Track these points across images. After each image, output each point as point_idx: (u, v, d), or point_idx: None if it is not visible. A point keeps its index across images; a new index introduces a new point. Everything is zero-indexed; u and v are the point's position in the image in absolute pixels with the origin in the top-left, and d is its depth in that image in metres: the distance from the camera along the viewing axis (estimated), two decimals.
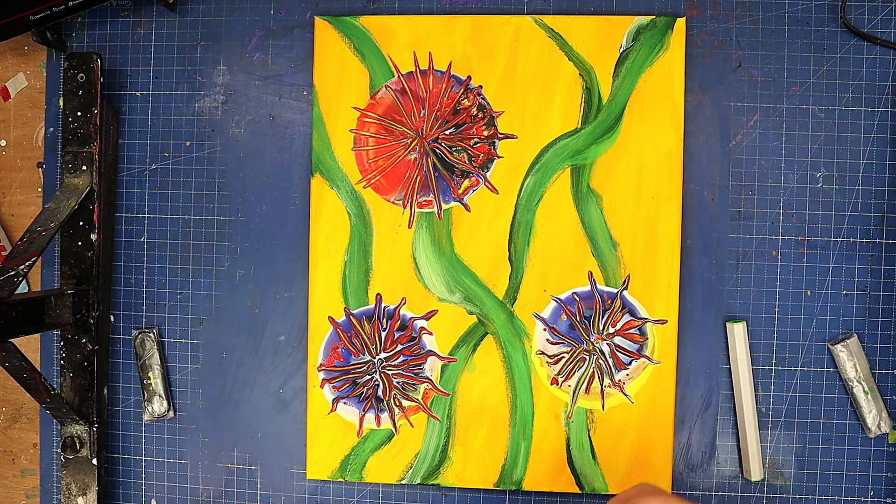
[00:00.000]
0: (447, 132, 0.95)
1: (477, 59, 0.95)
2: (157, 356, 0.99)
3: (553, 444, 0.94)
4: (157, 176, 1.00)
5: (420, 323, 0.96)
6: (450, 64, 0.96)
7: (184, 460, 1.00)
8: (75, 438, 0.93)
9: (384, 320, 0.96)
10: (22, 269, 0.82)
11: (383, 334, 0.96)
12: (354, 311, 0.96)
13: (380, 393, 0.96)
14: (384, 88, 0.96)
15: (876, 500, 0.93)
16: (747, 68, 0.95)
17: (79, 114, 0.93)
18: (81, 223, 0.93)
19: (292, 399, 0.98)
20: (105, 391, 0.97)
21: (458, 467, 0.95)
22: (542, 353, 0.94)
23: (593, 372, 0.94)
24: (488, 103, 0.95)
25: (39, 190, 1.02)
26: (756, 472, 0.92)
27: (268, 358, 0.99)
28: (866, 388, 0.92)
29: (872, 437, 0.93)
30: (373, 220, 0.96)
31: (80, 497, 0.95)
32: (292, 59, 0.99)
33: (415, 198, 0.96)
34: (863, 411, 0.92)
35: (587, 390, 0.94)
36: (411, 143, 0.96)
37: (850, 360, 0.92)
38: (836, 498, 0.93)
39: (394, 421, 0.96)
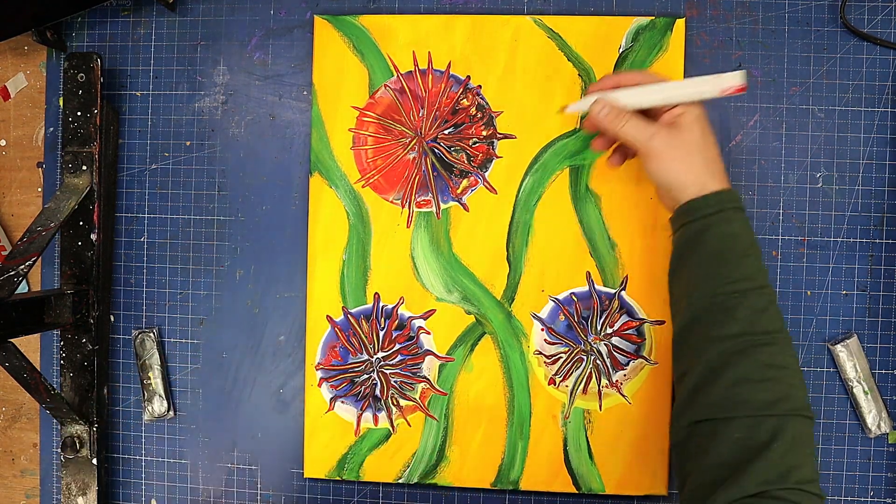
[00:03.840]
0: (446, 132, 0.95)
1: (476, 59, 0.95)
2: (157, 356, 0.99)
3: (550, 444, 0.94)
4: (157, 176, 1.01)
5: (418, 322, 0.96)
6: (449, 64, 0.96)
7: (184, 460, 1.00)
8: (75, 438, 0.94)
9: (382, 319, 0.96)
10: (22, 269, 0.83)
11: (381, 333, 0.96)
12: (352, 311, 0.96)
13: (377, 392, 0.96)
14: (383, 88, 0.97)
15: (876, 500, 0.93)
16: (747, 68, 0.94)
17: (79, 114, 0.93)
18: (81, 223, 0.94)
19: (292, 399, 0.98)
20: (105, 391, 0.97)
21: (456, 467, 0.95)
22: (540, 353, 0.94)
23: (591, 372, 0.93)
24: (487, 103, 0.95)
25: (39, 190, 1.03)
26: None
27: (268, 358, 0.99)
28: (866, 388, 0.91)
29: (872, 437, 0.93)
30: (371, 220, 0.96)
31: (80, 497, 0.95)
32: (292, 59, 0.99)
33: (413, 197, 0.96)
34: (863, 411, 0.92)
35: (584, 390, 0.94)
36: (410, 142, 0.96)
37: (850, 360, 0.92)
38: (836, 498, 0.93)
39: (391, 420, 0.96)
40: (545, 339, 0.94)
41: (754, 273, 0.73)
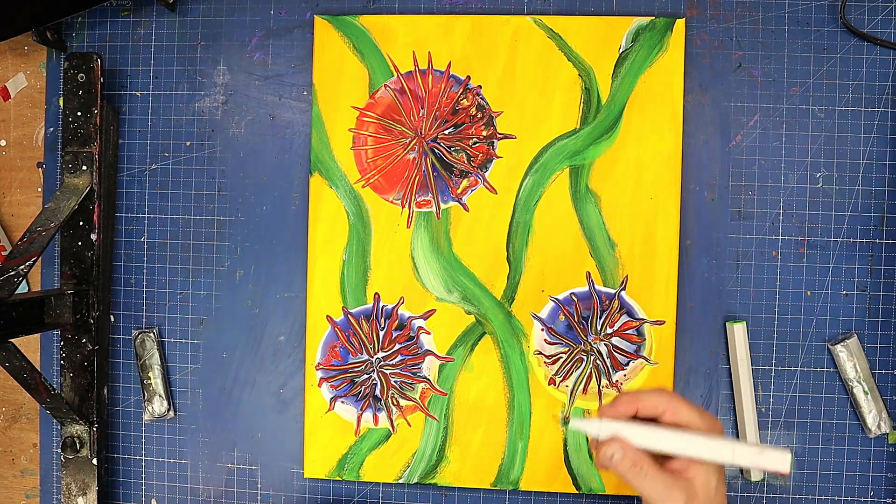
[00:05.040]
0: (446, 132, 0.95)
1: (476, 59, 0.95)
2: (157, 356, 0.99)
3: (550, 445, 0.94)
4: (157, 176, 1.00)
5: (418, 322, 0.96)
6: (449, 64, 0.96)
7: (184, 460, 1.00)
8: (75, 438, 0.94)
9: (382, 319, 0.96)
10: (22, 269, 0.83)
11: (381, 333, 0.96)
12: (353, 311, 0.96)
13: (377, 392, 0.96)
14: (383, 88, 0.97)
15: (876, 500, 0.93)
16: (747, 68, 0.94)
17: (79, 114, 0.93)
18: (81, 223, 0.94)
19: (292, 399, 0.98)
20: (105, 391, 0.97)
21: (456, 467, 0.95)
22: (540, 353, 0.94)
23: (591, 372, 0.93)
24: (487, 103, 0.95)
25: (39, 190, 1.03)
26: (756, 472, 0.92)
27: (268, 358, 0.99)
28: (866, 388, 0.91)
29: (872, 437, 0.93)
30: (371, 220, 0.96)
31: (80, 497, 0.95)
32: (292, 59, 0.99)
33: (413, 197, 0.96)
34: (863, 411, 0.92)
35: (584, 391, 0.94)
36: (410, 142, 0.96)
37: (850, 360, 0.92)
38: (836, 498, 0.93)
39: (391, 420, 0.96)
40: (545, 339, 0.94)
41: None
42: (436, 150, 0.95)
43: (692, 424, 0.67)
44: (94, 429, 0.94)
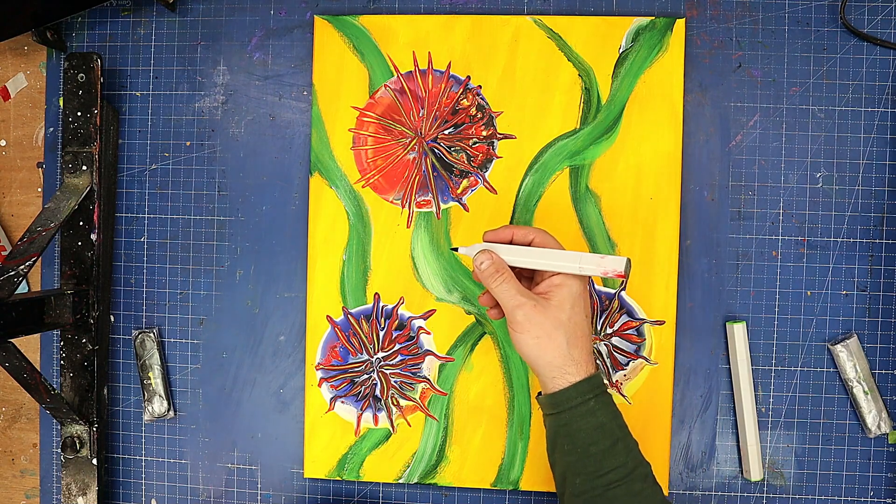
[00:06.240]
0: (446, 132, 0.95)
1: (476, 59, 0.95)
2: (157, 356, 0.99)
3: None
4: (157, 176, 1.00)
5: (418, 322, 0.96)
6: (449, 64, 0.96)
7: (184, 460, 1.00)
8: (75, 438, 0.94)
9: (382, 319, 0.96)
10: (22, 269, 0.83)
11: (381, 333, 0.96)
12: (353, 311, 0.96)
13: (377, 392, 0.96)
14: (383, 88, 0.96)
15: (876, 500, 0.93)
16: (747, 68, 0.94)
17: (79, 114, 0.93)
18: (81, 223, 0.94)
19: (292, 399, 0.98)
20: (105, 391, 0.97)
21: (456, 467, 0.95)
22: None
23: None
24: (487, 103, 0.95)
25: (39, 190, 1.03)
26: (756, 472, 0.92)
27: (268, 358, 0.99)
28: (866, 388, 0.91)
29: (872, 437, 0.93)
30: (371, 220, 0.96)
31: (80, 497, 0.95)
32: (292, 59, 0.99)
33: (413, 197, 0.96)
34: (863, 411, 0.92)
35: None
36: (410, 142, 0.96)
37: (849, 360, 0.92)
38: (836, 498, 0.93)
39: (391, 420, 0.96)
40: None
41: (624, 459, 0.75)
42: (436, 150, 0.95)
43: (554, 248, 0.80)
44: (94, 429, 0.94)
